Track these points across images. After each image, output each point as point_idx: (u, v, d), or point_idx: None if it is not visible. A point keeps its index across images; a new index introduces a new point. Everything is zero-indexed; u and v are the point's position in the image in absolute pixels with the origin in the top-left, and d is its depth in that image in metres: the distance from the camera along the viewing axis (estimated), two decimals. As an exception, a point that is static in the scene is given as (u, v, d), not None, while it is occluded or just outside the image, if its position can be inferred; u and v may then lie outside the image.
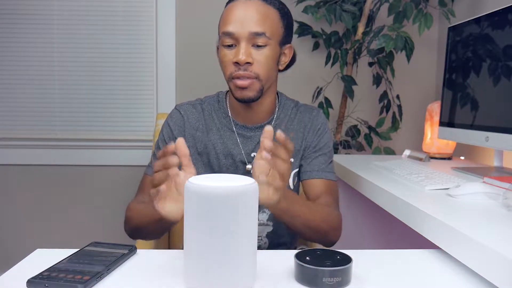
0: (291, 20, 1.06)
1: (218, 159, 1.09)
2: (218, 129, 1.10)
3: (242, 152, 1.08)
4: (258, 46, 0.98)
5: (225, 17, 1.00)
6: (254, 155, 1.07)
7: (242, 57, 0.96)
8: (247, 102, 1.02)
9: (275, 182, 0.78)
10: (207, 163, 1.10)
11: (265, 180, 0.77)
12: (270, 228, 1.12)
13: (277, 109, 1.12)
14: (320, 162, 1.11)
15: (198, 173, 1.06)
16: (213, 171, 1.09)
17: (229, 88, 1.04)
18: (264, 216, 1.12)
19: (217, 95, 1.15)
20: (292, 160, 1.10)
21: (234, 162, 1.08)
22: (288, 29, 1.05)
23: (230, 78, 1.01)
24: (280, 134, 0.75)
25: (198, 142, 1.10)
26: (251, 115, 1.08)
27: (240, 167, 1.09)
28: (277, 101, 1.13)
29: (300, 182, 1.15)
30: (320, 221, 0.98)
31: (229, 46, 0.99)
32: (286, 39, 1.05)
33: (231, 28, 0.97)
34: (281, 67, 1.07)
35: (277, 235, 1.13)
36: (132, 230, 1.01)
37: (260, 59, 0.98)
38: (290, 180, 1.11)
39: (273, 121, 1.11)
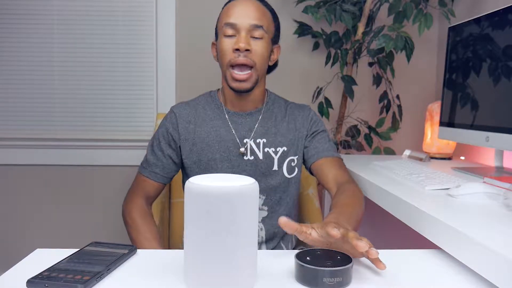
0: (279, 23, 1.19)
1: (211, 146, 1.16)
2: (211, 119, 1.18)
3: (236, 137, 1.16)
4: (255, 38, 1.09)
5: (227, 11, 1.11)
6: (247, 141, 1.17)
7: (242, 44, 1.07)
8: (242, 92, 1.13)
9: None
10: (201, 152, 1.16)
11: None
12: (265, 213, 1.18)
13: (266, 100, 1.22)
14: (323, 142, 1.20)
15: (194, 162, 1.17)
16: (207, 158, 1.16)
17: (226, 77, 1.12)
18: (260, 202, 1.17)
19: (209, 92, 1.25)
20: (285, 148, 1.18)
21: (227, 147, 1.16)
22: (278, 30, 1.18)
23: (228, 66, 1.10)
24: (281, 219, 0.71)
25: (192, 133, 1.18)
26: (243, 103, 1.18)
27: (233, 152, 1.16)
28: (266, 94, 1.24)
29: (309, 170, 1.21)
30: (360, 212, 0.99)
31: (230, 36, 1.10)
32: (276, 39, 1.18)
33: (233, 19, 1.09)
34: (270, 63, 1.18)
35: (272, 221, 1.18)
36: (124, 221, 1.16)
37: (257, 49, 1.09)
38: (284, 169, 1.18)
39: (262, 109, 1.20)
